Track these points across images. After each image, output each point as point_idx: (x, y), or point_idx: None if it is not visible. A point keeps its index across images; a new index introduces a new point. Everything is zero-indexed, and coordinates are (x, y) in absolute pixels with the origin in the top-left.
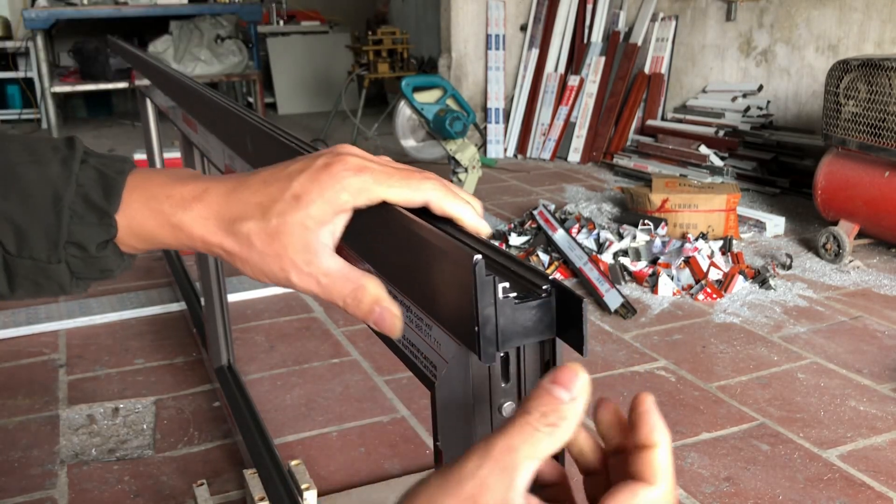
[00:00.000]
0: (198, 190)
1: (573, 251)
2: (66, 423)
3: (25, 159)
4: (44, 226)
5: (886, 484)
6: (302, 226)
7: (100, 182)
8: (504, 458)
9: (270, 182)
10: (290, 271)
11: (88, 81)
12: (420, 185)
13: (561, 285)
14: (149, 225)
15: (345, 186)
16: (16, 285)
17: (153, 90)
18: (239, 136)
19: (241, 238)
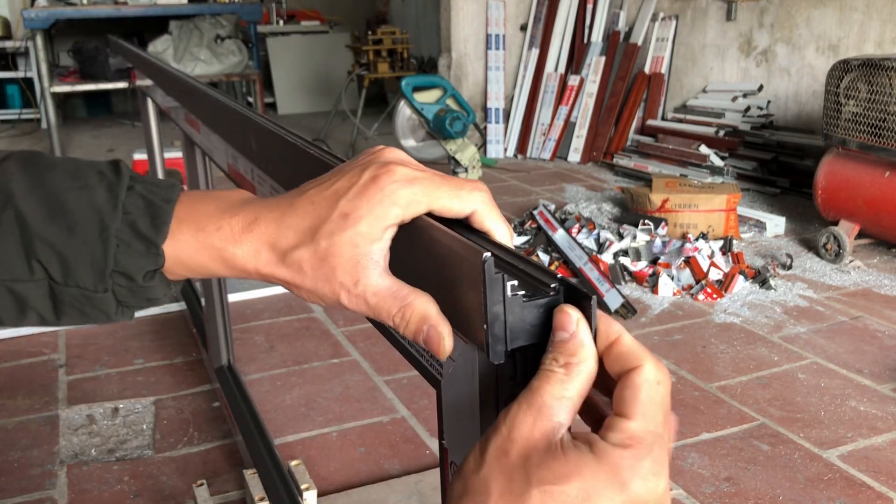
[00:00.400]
0: (248, 220)
1: (573, 251)
2: (65, 424)
3: (71, 185)
4: (90, 254)
5: (887, 484)
6: (351, 244)
7: (147, 210)
8: (529, 398)
9: (317, 202)
10: (340, 293)
11: (88, 81)
12: (469, 197)
13: (570, 283)
14: (199, 258)
15: (395, 200)
16: (62, 313)
17: (154, 90)
18: (243, 134)
19: (293, 266)
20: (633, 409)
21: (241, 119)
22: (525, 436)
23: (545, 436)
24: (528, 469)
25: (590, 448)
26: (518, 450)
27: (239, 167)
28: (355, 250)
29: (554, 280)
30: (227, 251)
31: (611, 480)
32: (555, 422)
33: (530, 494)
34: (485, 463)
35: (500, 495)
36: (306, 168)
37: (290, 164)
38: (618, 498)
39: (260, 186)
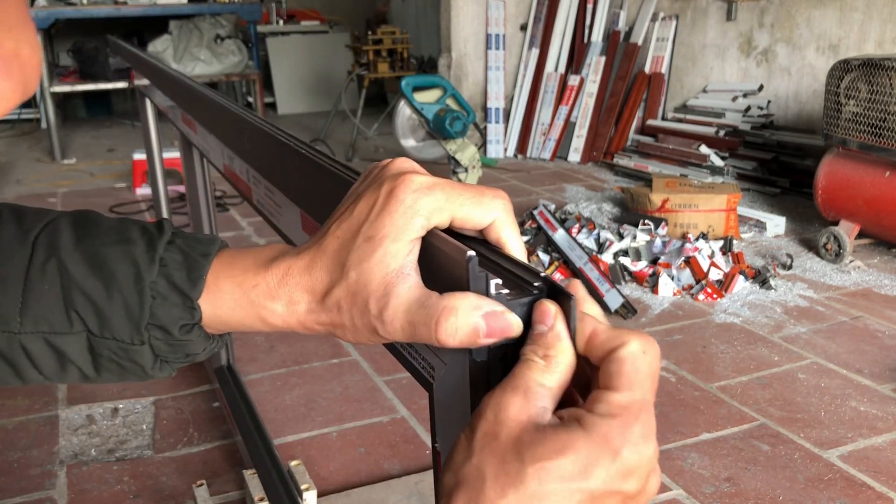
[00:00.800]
0: (281, 273)
1: (573, 251)
2: (65, 424)
3: (114, 239)
4: (125, 306)
5: (887, 484)
6: (380, 265)
7: (184, 264)
8: (512, 383)
9: (342, 236)
10: (376, 325)
11: (88, 81)
12: (491, 205)
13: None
14: (237, 315)
15: (417, 210)
16: (101, 367)
17: (152, 90)
18: (237, 136)
19: (332, 309)
20: (618, 381)
21: (236, 119)
22: (513, 417)
23: (532, 418)
24: (520, 449)
25: (578, 422)
26: (507, 432)
27: (234, 168)
28: (385, 271)
29: (537, 279)
30: (266, 308)
31: (603, 450)
32: (539, 406)
33: (526, 473)
34: (474, 451)
35: (496, 479)
36: (300, 168)
37: (284, 165)
38: (612, 466)
39: (255, 187)
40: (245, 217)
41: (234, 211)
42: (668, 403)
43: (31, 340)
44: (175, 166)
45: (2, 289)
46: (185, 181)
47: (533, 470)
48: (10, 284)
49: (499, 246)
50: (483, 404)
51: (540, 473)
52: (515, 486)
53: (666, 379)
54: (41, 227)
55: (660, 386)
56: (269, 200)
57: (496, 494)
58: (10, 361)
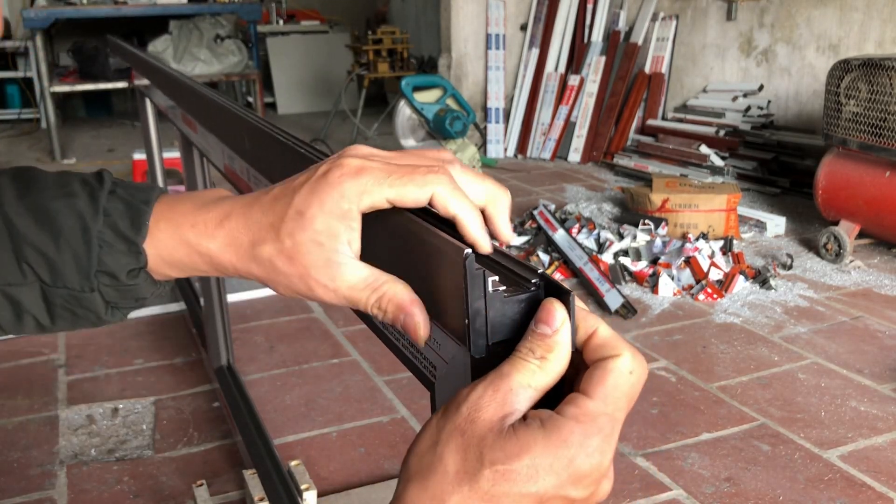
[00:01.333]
0: (221, 215)
1: (573, 251)
2: (65, 424)
3: (56, 193)
4: (74, 256)
5: (887, 484)
6: (314, 243)
7: (127, 212)
8: (496, 382)
9: (279, 198)
10: (316, 289)
11: (88, 81)
12: (424, 181)
13: (550, 279)
14: (178, 254)
15: (343, 193)
16: (55, 315)
17: (152, 90)
18: (238, 135)
19: (263, 262)
20: (596, 389)
21: (236, 119)
22: (485, 418)
23: (501, 420)
24: (483, 450)
25: (541, 423)
26: (475, 431)
27: (235, 167)
28: (321, 248)
29: (534, 275)
30: (203, 246)
31: (557, 455)
32: (514, 408)
33: (482, 474)
34: (440, 441)
35: (455, 473)
36: (299, 168)
37: (283, 164)
38: (564, 472)
39: (255, 187)
40: None
41: None
42: (668, 403)
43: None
44: (175, 166)
45: None
46: (184, 181)
47: (490, 472)
48: None
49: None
50: (461, 396)
51: (493, 475)
52: (470, 483)
53: (666, 379)
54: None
55: (660, 386)
56: None
57: (452, 487)
58: None
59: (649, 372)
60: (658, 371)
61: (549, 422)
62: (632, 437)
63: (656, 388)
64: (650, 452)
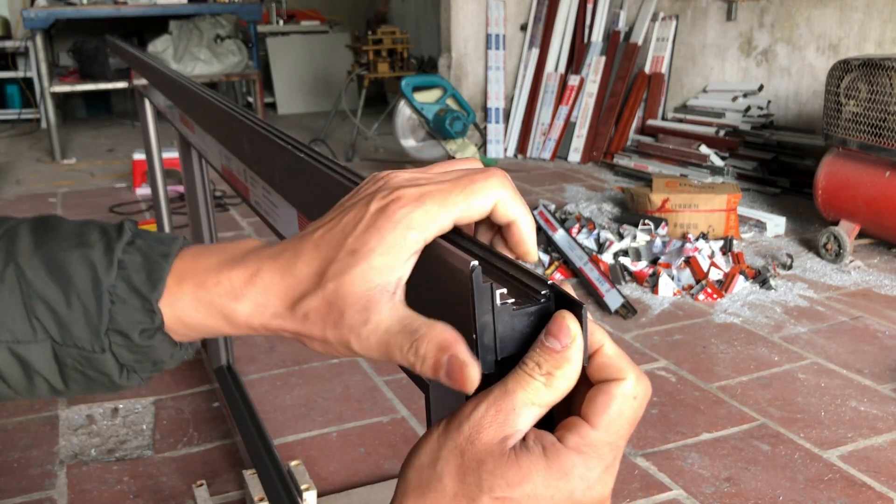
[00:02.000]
0: (249, 272)
1: (573, 251)
2: (65, 424)
3: (72, 243)
4: (84, 311)
5: (887, 484)
6: (362, 280)
7: (143, 265)
8: (500, 400)
9: (322, 245)
10: (349, 336)
11: (88, 81)
12: (487, 187)
13: (560, 290)
14: (198, 316)
15: (410, 224)
16: (67, 378)
17: (151, 90)
18: (235, 136)
19: (300, 317)
20: (598, 418)
21: (234, 120)
22: (486, 441)
23: (502, 442)
24: (482, 474)
25: (543, 451)
26: (474, 453)
27: (232, 168)
28: (368, 286)
29: (544, 287)
30: (228, 307)
31: (558, 487)
32: (516, 429)
33: (481, 500)
34: (440, 458)
35: (453, 494)
36: (295, 169)
37: (280, 166)
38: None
39: (252, 188)
40: (245, 217)
41: (234, 211)
42: (668, 403)
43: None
44: (175, 166)
45: None
46: (183, 181)
47: (487, 499)
48: None
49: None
50: (463, 414)
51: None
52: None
53: (666, 379)
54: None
55: (660, 386)
56: (266, 201)
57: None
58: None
59: (650, 372)
60: (658, 371)
61: (551, 450)
62: (632, 437)
63: (656, 388)
64: (650, 452)
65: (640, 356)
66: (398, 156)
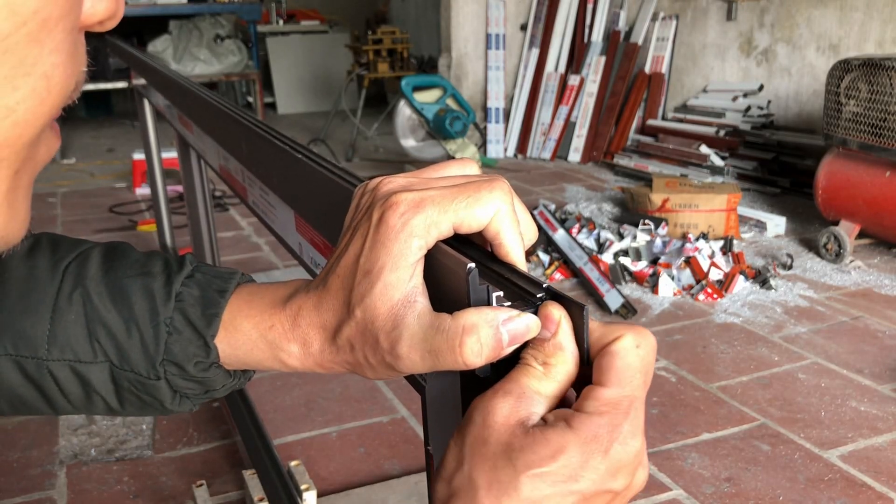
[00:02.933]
0: (293, 313)
1: (573, 251)
2: (65, 424)
3: (136, 272)
4: (142, 340)
5: (887, 484)
6: (384, 299)
7: (201, 300)
8: (506, 386)
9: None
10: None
11: (87, 81)
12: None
13: (556, 292)
14: (256, 356)
15: (411, 232)
16: (123, 400)
17: (150, 90)
18: (233, 137)
19: (345, 349)
20: (609, 376)
21: (231, 121)
22: (501, 421)
23: (521, 422)
24: (511, 455)
25: (566, 423)
26: (497, 436)
27: (230, 168)
28: (390, 303)
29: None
30: (283, 350)
31: (591, 450)
32: (531, 410)
33: (520, 482)
34: (465, 458)
35: (489, 488)
36: (292, 170)
37: (277, 166)
38: (601, 466)
39: (250, 188)
40: (244, 217)
41: (233, 211)
42: (668, 403)
43: (58, 368)
44: (174, 166)
45: (32, 316)
46: (182, 181)
47: (527, 478)
48: (40, 312)
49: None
50: (472, 408)
51: (534, 481)
52: (509, 494)
53: (666, 379)
54: (73, 257)
55: (660, 386)
56: (263, 201)
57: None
58: (40, 388)
59: None
60: (658, 371)
61: (574, 420)
62: None
63: (656, 388)
64: (650, 452)
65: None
66: (398, 156)
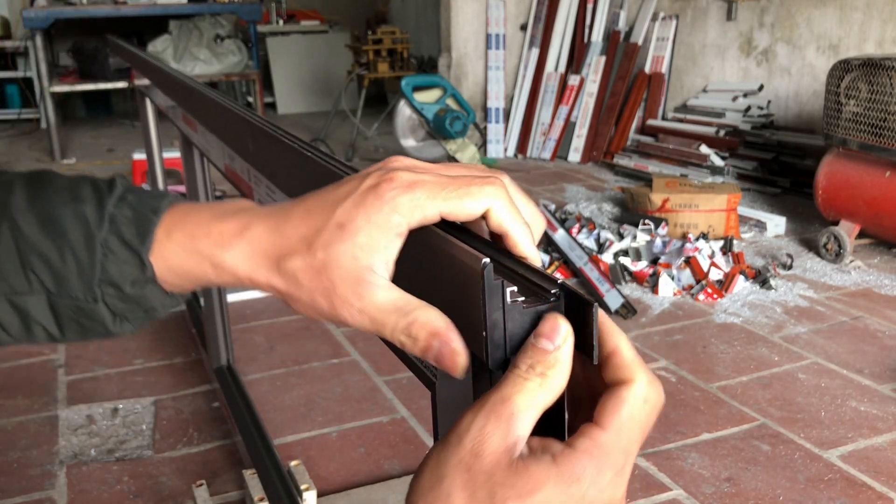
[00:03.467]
0: (239, 226)
1: (573, 251)
2: (65, 424)
3: (65, 198)
4: (78, 264)
5: (887, 484)
6: (351, 257)
7: (133, 220)
8: (498, 408)
9: (314, 211)
10: (341, 308)
11: (88, 81)
12: (481, 194)
13: (571, 289)
14: (187, 265)
15: (395, 207)
16: (64, 326)
17: (153, 90)
18: (239, 135)
19: (287, 276)
20: (609, 420)
21: (238, 120)
22: (490, 452)
23: (508, 451)
24: (493, 487)
25: (552, 458)
26: (481, 466)
27: (235, 167)
28: (355, 263)
29: (555, 286)
30: (217, 257)
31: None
32: (518, 435)
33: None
34: (444, 476)
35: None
36: (300, 168)
37: (285, 164)
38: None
39: (256, 187)
40: None
41: None
42: (668, 403)
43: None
44: (175, 166)
45: None
46: (185, 181)
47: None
48: None
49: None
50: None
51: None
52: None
53: (666, 379)
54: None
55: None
56: (270, 200)
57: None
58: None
59: None
60: (658, 371)
61: (561, 456)
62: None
63: None
64: (650, 452)
65: (641, 356)
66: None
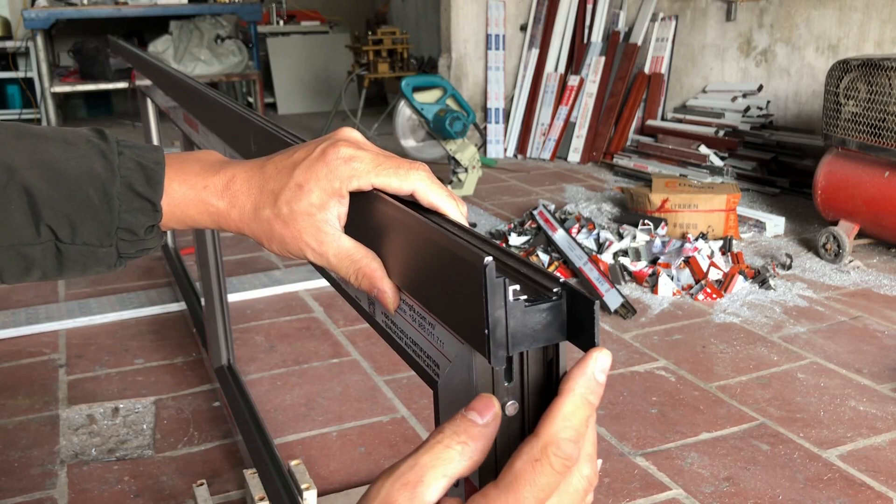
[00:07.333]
0: (226, 178)
1: (573, 251)
2: (65, 423)
3: (67, 154)
4: (95, 216)
5: (886, 484)
6: (308, 213)
7: (141, 172)
8: (408, 474)
9: (280, 170)
10: (307, 251)
11: (88, 81)
12: (408, 175)
13: (572, 287)
14: (191, 212)
15: (336, 174)
16: (65, 268)
17: (154, 90)
18: (241, 136)
19: (262, 222)
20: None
21: (240, 120)
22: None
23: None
24: None
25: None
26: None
27: None
28: (313, 218)
29: (556, 284)
30: (213, 206)
31: None
32: (427, 500)
33: None
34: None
35: None
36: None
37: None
38: None
39: None
40: None
41: None
42: (668, 403)
43: None
44: None
45: None
46: None
47: None
48: None
49: (434, 209)
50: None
51: None
52: None
53: (665, 379)
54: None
55: (659, 386)
56: None
57: None
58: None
59: (649, 372)
60: (657, 371)
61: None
62: (631, 437)
63: (656, 387)
64: (649, 452)
65: (640, 356)
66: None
